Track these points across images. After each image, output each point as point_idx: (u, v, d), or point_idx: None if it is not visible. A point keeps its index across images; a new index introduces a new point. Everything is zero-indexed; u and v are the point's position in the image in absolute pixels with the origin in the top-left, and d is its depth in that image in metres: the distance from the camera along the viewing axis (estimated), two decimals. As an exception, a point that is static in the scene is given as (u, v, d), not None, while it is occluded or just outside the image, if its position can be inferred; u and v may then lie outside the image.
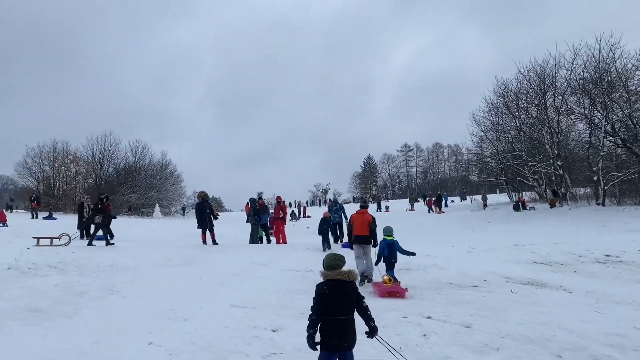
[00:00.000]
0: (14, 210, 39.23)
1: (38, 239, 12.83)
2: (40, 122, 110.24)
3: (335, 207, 17.36)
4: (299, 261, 11.99)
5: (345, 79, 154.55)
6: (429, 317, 6.59)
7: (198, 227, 15.03)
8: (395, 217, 32.35)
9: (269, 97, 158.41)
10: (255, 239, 16.50)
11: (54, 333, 5.51)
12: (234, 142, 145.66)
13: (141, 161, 47.26)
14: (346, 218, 16.28)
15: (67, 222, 24.93)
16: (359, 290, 4.12)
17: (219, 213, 21.11)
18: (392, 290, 8.60)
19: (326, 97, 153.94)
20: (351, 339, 3.88)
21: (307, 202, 70.36)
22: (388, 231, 9.69)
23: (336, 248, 15.69)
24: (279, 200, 16.99)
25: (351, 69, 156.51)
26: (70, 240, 13.54)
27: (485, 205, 34.42)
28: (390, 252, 9.43)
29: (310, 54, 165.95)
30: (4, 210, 27.77)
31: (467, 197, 52.66)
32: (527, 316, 6.66)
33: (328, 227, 16.22)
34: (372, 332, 4.02)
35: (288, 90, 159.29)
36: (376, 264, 9.74)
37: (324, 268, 4.14)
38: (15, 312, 6.40)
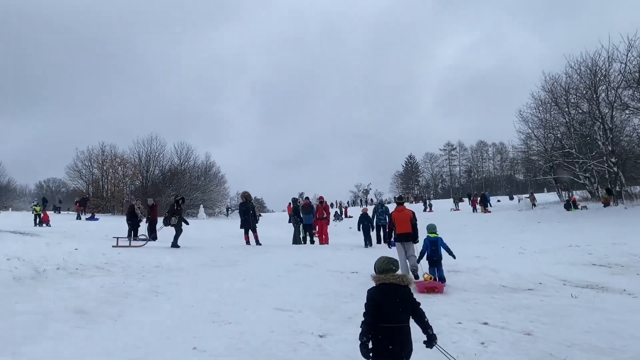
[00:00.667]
0: (61, 212, 40.55)
1: (117, 239, 13.27)
2: (91, 127, 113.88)
3: (381, 210, 17.16)
4: (343, 262, 11.71)
5: (389, 78, 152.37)
6: (486, 324, 6.19)
7: (241, 227, 14.98)
8: (440, 216, 31.57)
9: (311, 98, 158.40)
10: (298, 239, 16.33)
11: (99, 336, 5.42)
12: (276, 144, 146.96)
13: (186, 163, 48.13)
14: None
15: (110, 224, 25.56)
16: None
17: (261, 214, 21.10)
18: (430, 285, 8.62)
19: (369, 97, 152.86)
20: (407, 348, 3.59)
21: (348, 203, 69.92)
22: (431, 228, 9.63)
23: (379, 246, 15.42)
24: (321, 201, 16.78)
25: (396, 67, 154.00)
26: (147, 241, 13.81)
27: (534, 205, 33.18)
28: (433, 250, 9.34)
29: (355, 53, 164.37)
30: (50, 212, 28.66)
31: (515, 197, 51.10)
32: (594, 323, 6.17)
33: (368, 222, 16.46)
34: (430, 340, 3.76)
35: (331, 91, 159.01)
36: (418, 261, 9.71)
37: (375, 272, 3.88)
38: (62, 313, 6.39)
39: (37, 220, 24.38)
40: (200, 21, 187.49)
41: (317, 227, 16.73)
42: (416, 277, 9.60)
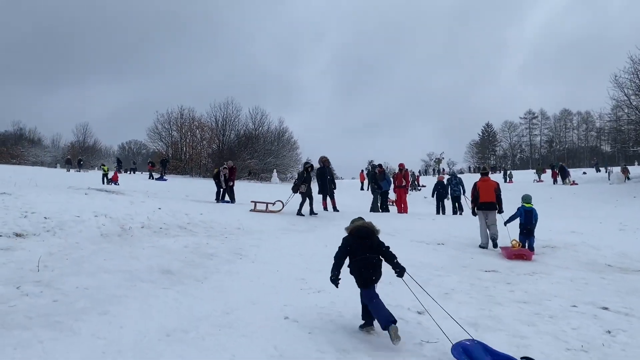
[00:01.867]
0: (135, 173, 42.52)
1: (255, 203, 13.25)
2: (173, 92, 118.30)
3: (455, 181, 17.01)
4: (426, 232, 11.11)
5: (473, 43, 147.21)
6: (606, 309, 5.43)
7: (319, 193, 14.64)
8: (522, 188, 29.68)
9: (390, 65, 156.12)
10: (376, 207, 15.81)
11: (186, 299, 5.20)
12: (350, 111, 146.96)
13: (260, 128, 48.54)
14: (464, 192, 16.31)
15: (176, 183, 26.20)
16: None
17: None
18: (519, 252, 8.74)
19: (450, 63, 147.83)
20: (376, 274, 4.78)
21: (419, 172, 68.30)
22: (527, 199, 9.78)
23: (455, 217, 14.64)
24: (401, 168, 16.05)
25: (481, 32, 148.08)
26: (283, 206, 13.54)
27: (627, 178, 30.65)
28: (527, 219, 9.44)
29: (439, 18, 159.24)
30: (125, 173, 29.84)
31: (601, 169, 47.75)
32: None
33: (443, 190, 17.04)
34: (401, 271, 4.80)
35: (410, 57, 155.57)
36: (505, 223, 9.77)
37: (349, 226, 5.01)
38: (148, 273, 6.29)
39: (106, 179, 25.34)
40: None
41: (395, 195, 16.16)
42: (495, 245, 9.85)
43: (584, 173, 44.96)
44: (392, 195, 17.08)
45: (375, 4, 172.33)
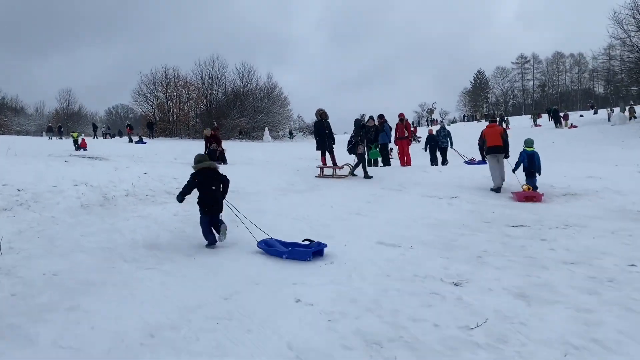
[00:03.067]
0: (112, 137, 41.45)
1: (321, 168, 11.95)
2: (159, 52, 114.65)
3: (444, 133, 17.39)
4: (435, 186, 10.25)
5: None
6: (669, 265, 4.65)
7: (317, 149, 13.67)
8: (520, 134, 28.82)
9: (382, 15, 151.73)
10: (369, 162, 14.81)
11: (175, 283, 4.34)
12: (344, 64, 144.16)
13: (248, 85, 46.98)
14: (452, 144, 17.10)
15: (164, 145, 25.06)
16: None
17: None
18: (529, 195, 8.96)
19: (444, 11, 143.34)
20: (218, 205, 6.00)
21: (412, 123, 67.09)
22: (529, 142, 10.10)
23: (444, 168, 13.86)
24: (402, 118, 15.02)
25: None
26: (351, 171, 11.88)
27: (633, 117, 29.76)
28: (530, 162, 9.73)
29: None
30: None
31: (599, 111, 46.91)
32: None
33: (435, 143, 17.34)
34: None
35: (404, 5, 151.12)
36: (513, 170, 9.91)
37: (194, 163, 6.08)
38: (131, 249, 5.44)
39: (76, 145, 24.90)
40: None
41: (398, 147, 15.24)
42: (498, 191, 9.88)
43: (581, 116, 44.12)
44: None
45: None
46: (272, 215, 7.46)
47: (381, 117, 15.24)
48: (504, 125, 39.97)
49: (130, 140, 32.44)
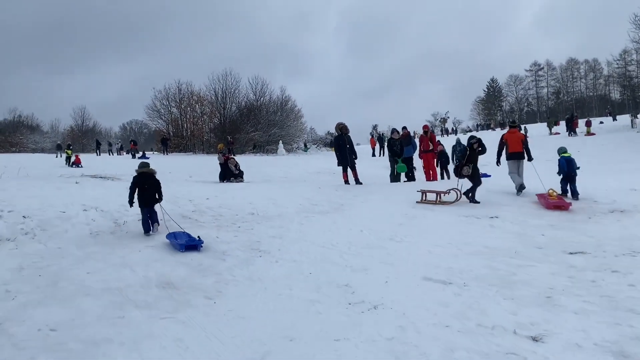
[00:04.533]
0: (113, 154, 41.09)
1: (424, 192, 10.00)
2: (176, 71, 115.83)
3: (460, 148, 16.56)
4: (469, 203, 9.51)
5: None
6: None
7: (339, 165, 12.99)
8: (540, 143, 27.82)
9: (400, 26, 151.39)
10: (395, 177, 14.10)
11: (193, 338, 3.64)
12: (360, 75, 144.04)
13: (261, 98, 46.60)
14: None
15: (178, 161, 24.48)
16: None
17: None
18: (558, 203, 8.99)
19: (461, 20, 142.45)
20: (153, 200, 7.59)
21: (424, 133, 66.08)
22: (563, 150, 10.38)
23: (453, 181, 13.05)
24: (426, 130, 14.27)
25: None
26: (458, 196, 9.77)
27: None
28: (569, 167, 9.95)
29: None
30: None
31: (618, 117, 45.69)
32: None
33: (446, 160, 16.78)
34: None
35: (421, 14, 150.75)
36: (561, 174, 10.08)
37: (137, 169, 7.82)
38: (144, 290, 4.76)
39: (68, 162, 24.94)
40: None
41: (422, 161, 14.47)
42: (520, 192, 10.27)
43: (601, 122, 42.94)
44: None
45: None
46: (297, 242, 6.76)
47: (404, 129, 14.54)
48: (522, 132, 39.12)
49: (134, 156, 32.33)
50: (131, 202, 7.52)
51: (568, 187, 9.92)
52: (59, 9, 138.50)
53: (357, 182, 12.65)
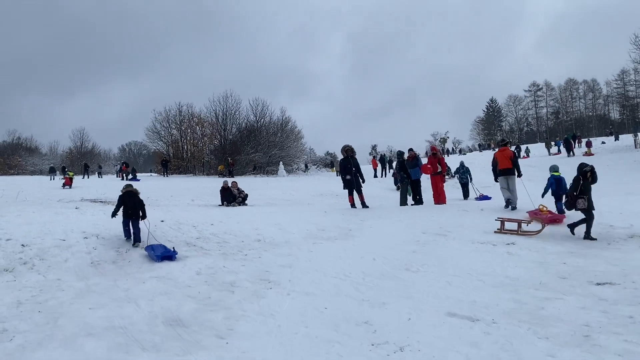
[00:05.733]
0: (103, 176, 40.77)
1: (502, 221, 9.11)
2: (179, 93, 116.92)
3: (462, 170, 17.98)
4: (482, 228, 9.19)
5: (489, 19, 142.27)
6: None
7: (344, 188, 12.75)
8: (539, 162, 27.46)
9: (402, 49, 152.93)
10: (405, 199, 13.87)
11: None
12: (361, 95, 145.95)
13: (262, 119, 46.51)
14: (471, 179, 17.71)
15: (179, 184, 24.21)
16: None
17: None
18: (553, 217, 9.51)
19: (464, 41, 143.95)
20: (137, 213, 8.54)
21: (426, 153, 65.96)
22: (555, 168, 11.00)
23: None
24: (435, 152, 14.04)
25: (498, 8, 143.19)
26: (543, 227, 8.89)
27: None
28: (558, 186, 10.50)
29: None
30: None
31: (620, 137, 45.60)
32: None
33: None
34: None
35: (426, 35, 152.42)
36: (542, 195, 10.73)
37: (122, 189, 9.00)
38: (151, 329, 4.44)
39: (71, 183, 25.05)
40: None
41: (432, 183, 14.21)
42: (514, 207, 11.10)
43: (603, 142, 42.88)
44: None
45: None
46: (308, 272, 6.45)
47: (411, 150, 14.34)
48: (523, 154, 39.13)
49: (124, 179, 32.42)
50: (114, 214, 8.68)
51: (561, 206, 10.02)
52: (61, 33, 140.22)
53: (364, 205, 12.39)
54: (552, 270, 6.27)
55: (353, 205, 12.51)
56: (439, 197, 13.33)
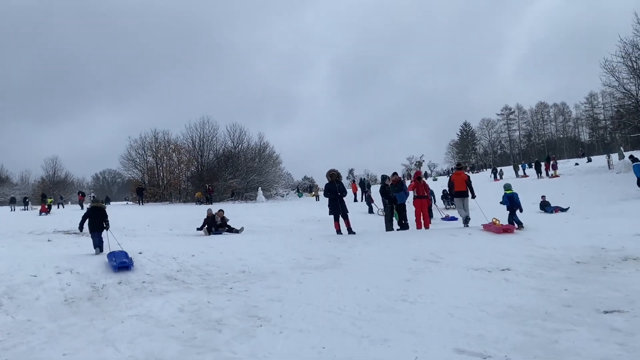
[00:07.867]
0: (64, 206, 39.13)
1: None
2: (152, 119, 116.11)
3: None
4: (474, 253, 8.90)
5: (469, 46, 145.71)
6: None
7: (330, 214, 12.42)
8: (517, 185, 27.59)
9: (385, 73, 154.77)
10: (391, 224, 13.59)
11: None
12: (341, 120, 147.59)
13: (239, 145, 46.18)
14: (435, 201, 20.12)
15: (156, 212, 23.61)
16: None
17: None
18: (506, 227, 10.87)
19: (445, 66, 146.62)
20: (101, 227, 9.65)
21: (403, 177, 66.10)
22: (508, 186, 12.75)
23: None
24: (419, 176, 13.85)
25: (479, 34, 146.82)
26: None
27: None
28: (511, 202, 12.18)
29: (440, 18, 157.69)
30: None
31: (592, 158, 46.47)
32: None
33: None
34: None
35: (408, 61, 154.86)
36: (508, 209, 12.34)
37: (90, 204, 10.43)
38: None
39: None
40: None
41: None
42: (466, 223, 12.43)
43: (577, 164, 43.55)
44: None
45: (380, 7, 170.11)
46: (299, 306, 6.04)
47: (394, 174, 14.13)
48: (498, 177, 39.62)
49: (82, 207, 30.56)
50: (81, 228, 9.86)
51: (513, 220, 11.88)
52: (33, 61, 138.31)
53: (350, 231, 12.06)
54: (555, 298, 6.01)
55: (339, 231, 12.16)
56: (424, 222, 13.11)
